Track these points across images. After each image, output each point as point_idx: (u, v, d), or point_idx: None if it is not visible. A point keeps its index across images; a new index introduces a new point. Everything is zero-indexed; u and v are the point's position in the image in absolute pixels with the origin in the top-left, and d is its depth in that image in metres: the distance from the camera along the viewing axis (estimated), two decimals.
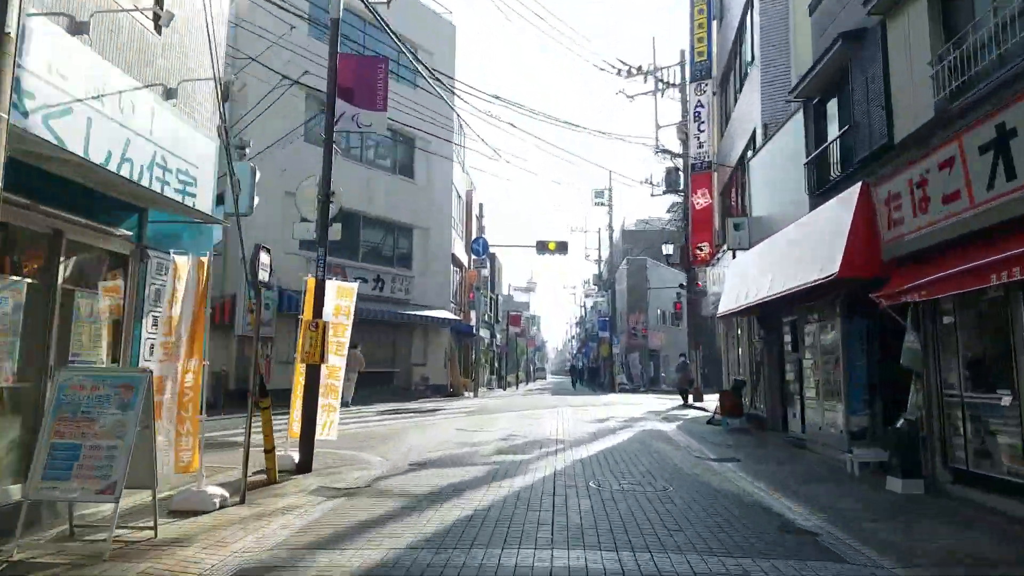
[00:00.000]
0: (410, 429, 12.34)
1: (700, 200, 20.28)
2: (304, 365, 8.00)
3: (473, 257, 27.54)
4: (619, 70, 24.51)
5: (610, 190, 38.88)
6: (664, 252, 23.85)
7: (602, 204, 39.56)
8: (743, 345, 17.69)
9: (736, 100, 17.99)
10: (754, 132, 14.81)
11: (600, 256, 44.95)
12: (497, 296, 43.02)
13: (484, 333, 37.28)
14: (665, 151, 23.90)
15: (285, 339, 19.53)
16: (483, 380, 38.16)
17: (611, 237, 40.79)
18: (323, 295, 8.09)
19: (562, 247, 26.46)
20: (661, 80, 24.20)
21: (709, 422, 14.21)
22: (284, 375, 19.47)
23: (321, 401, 8.11)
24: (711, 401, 21.93)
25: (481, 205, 31.07)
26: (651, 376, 42.11)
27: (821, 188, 10.23)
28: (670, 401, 25.17)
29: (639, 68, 24.57)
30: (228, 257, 19.34)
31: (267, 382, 17.81)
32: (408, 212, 24.32)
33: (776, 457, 9.85)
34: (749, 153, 15.42)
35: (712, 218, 20.23)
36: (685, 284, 24.96)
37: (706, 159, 20.24)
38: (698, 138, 20.53)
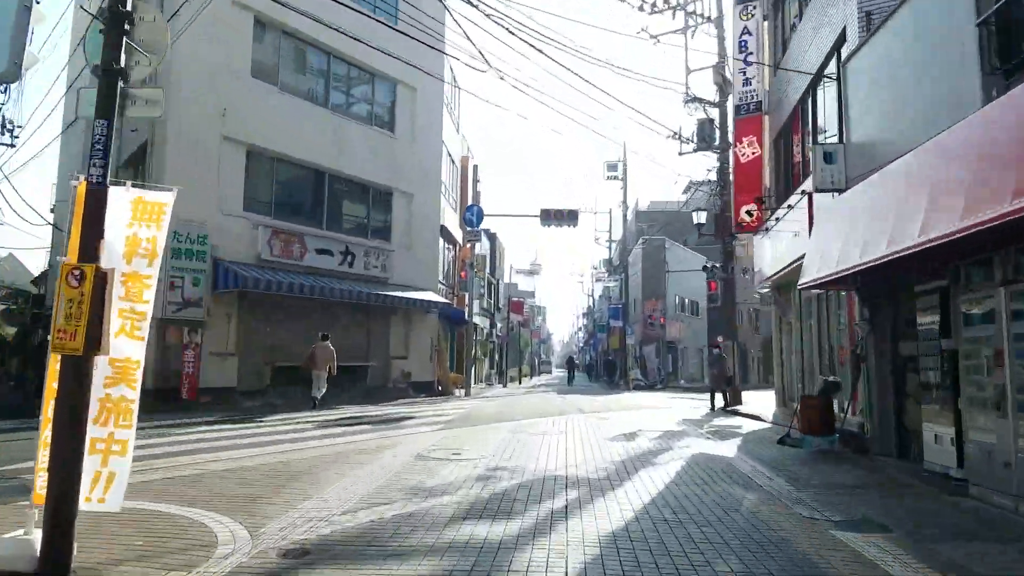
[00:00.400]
0: (349, 456, 8.27)
1: (747, 150, 16.09)
2: (59, 358, 3.95)
3: (468, 229, 23.37)
4: (641, 3, 20.27)
5: (624, 162, 34.65)
6: (695, 221, 19.64)
7: (615, 178, 35.34)
8: (810, 332, 13.56)
9: (801, 14, 13.81)
10: (842, 35, 10.62)
11: (611, 237, 40.67)
12: (498, 281, 38.87)
13: (482, 321, 33.21)
14: (697, 99, 19.65)
15: (222, 324, 15.50)
16: (482, 375, 34.14)
17: (625, 214, 36.54)
18: (102, 216, 4.01)
19: (571, 216, 22.33)
20: (693, 13, 19.94)
21: (782, 441, 10.10)
22: (221, 372, 15.46)
23: (93, 432, 4.02)
24: (754, 404, 17.84)
25: (476, 167, 26.86)
26: (668, 371, 37.98)
27: (1012, 60, 6.09)
28: (699, 402, 21.10)
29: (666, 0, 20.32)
30: None
31: (194, 381, 13.75)
32: (387, 172, 20.18)
33: (941, 518, 5.75)
34: (829, 67, 11.26)
35: (762, 173, 16.05)
36: (719, 263, 20.82)
37: (755, 98, 16.05)
38: (744, 73, 16.31)
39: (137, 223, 4.17)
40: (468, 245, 24.21)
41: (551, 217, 22.45)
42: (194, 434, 10.02)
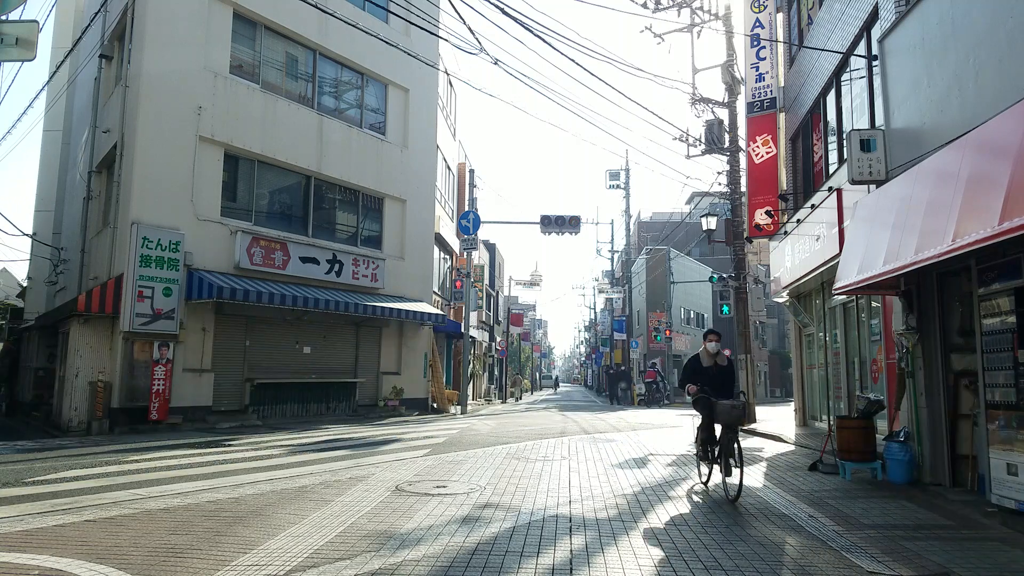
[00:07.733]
0: (314, 490, 7.10)
1: (761, 150, 15.03)
2: None
3: (463, 236, 22.26)
4: (645, 0, 19.30)
5: (627, 170, 33.64)
6: (704, 227, 18.53)
7: (617, 187, 34.31)
8: (835, 344, 12.43)
9: (822, 1, 12.82)
10: (873, 13, 9.59)
11: (613, 248, 39.54)
12: (497, 293, 37.70)
13: (480, 335, 32.04)
14: (705, 100, 18.63)
15: (196, 338, 14.36)
16: (480, 391, 32.93)
17: (627, 224, 35.46)
18: None
19: (572, 223, 21.24)
20: (700, 9, 18.95)
21: (814, 467, 8.94)
22: (195, 390, 14.30)
23: None
24: (769, 422, 16.69)
25: (472, 172, 25.74)
26: (674, 385, 36.70)
27: None
28: None
29: None
30: (117, 223, 14.22)
31: (165, 400, 12.63)
32: (378, 177, 19.14)
33: None
34: (861, 47, 10.22)
35: (777, 174, 14.99)
36: (727, 273, 19.71)
37: (769, 95, 15.02)
38: (756, 68, 15.30)
39: None
40: (463, 254, 23.07)
41: (552, 224, 21.39)
42: (148, 462, 8.87)
